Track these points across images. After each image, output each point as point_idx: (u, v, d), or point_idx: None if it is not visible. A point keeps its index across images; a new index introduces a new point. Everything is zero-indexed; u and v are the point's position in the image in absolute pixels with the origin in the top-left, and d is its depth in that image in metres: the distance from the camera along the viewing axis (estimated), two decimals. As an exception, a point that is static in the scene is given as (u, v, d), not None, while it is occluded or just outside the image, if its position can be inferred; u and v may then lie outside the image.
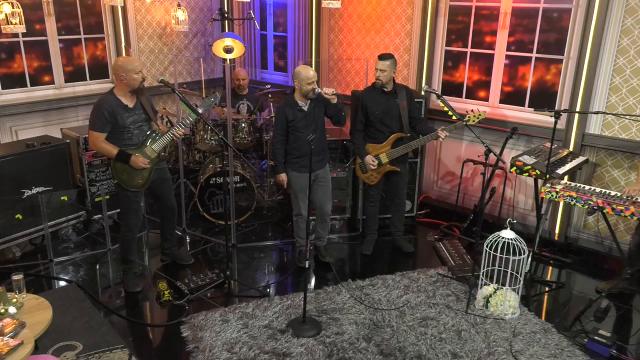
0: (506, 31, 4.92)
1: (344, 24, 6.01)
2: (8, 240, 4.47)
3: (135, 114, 3.92)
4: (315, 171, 4.24)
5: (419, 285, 4.22)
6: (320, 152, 4.29)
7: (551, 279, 4.49)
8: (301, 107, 4.16)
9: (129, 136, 3.91)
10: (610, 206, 3.51)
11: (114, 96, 3.86)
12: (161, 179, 4.21)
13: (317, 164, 4.25)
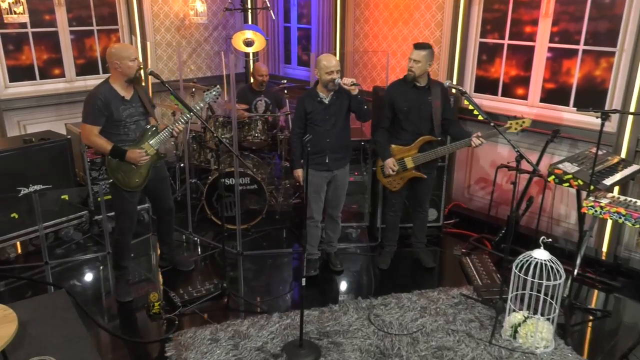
0: (549, 20, 4.33)
1: (370, 15, 5.54)
2: (3, 240, 4.26)
3: (132, 107, 3.60)
4: (332, 170, 3.91)
5: (438, 307, 3.72)
6: (340, 150, 3.90)
7: (595, 306, 3.89)
8: (321, 99, 3.81)
9: (125, 131, 3.59)
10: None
11: (109, 86, 3.54)
12: (158, 179, 3.89)
13: (335, 163, 3.90)
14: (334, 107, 3.81)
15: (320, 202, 4.00)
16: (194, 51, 6.38)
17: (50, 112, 5.34)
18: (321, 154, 3.84)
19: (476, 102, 3.66)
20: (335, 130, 3.82)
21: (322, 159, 3.85)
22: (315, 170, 3.88)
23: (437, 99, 3.85)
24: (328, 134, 3.81)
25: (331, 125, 3.80)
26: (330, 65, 3.68)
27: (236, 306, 3.78)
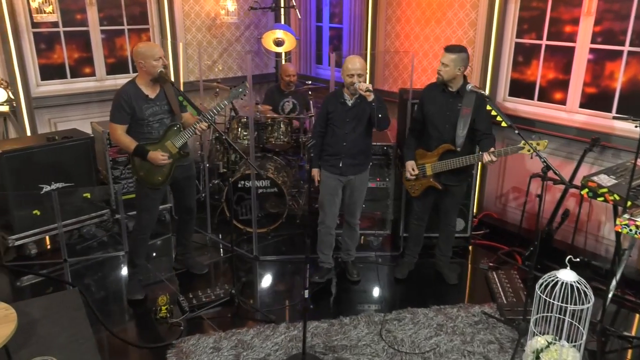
0: (591, 19, 4.00)
1: (402, 14, 5.32)
2: (24, 236, 4.32)
3: (155, 106, 3.56)
4: (346, 175, 3.75)
5: (455, 325, 3.49)
6: (357, 155, 3.73)
7: (636, 333, 3.54)
8: (344, 101, 3.67)
9: (148, 130, 3.57)
10: None
11: (134, 85, 3.53)
12: (185, 177, 3.85)
13: (350, 168, 3.73)
14: (355, 110, 3.65)
15: (333, 206, 3.83)
16: (224, 51, 6.34)
17: (80, 111, 5.41)
18: (336, 156, 3.71)
19: (499, 108, 3.39)
20: (354, 135, 3.67)
21: (336, 161, 3.72)
22: (328, 172, 3.75)
23: (468, 106, 3.55)
24: (346, 137, 3.67)
25: (350, 129, 3.66)
26: (351, 67, 3.53)
27: (244, 314, 3.67)
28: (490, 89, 4.65)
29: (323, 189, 3.83)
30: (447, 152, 3.69)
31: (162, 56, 3.47)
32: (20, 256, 4.42)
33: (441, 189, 3.78)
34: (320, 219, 3.91)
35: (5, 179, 4.17)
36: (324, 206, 3.86)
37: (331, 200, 3.81)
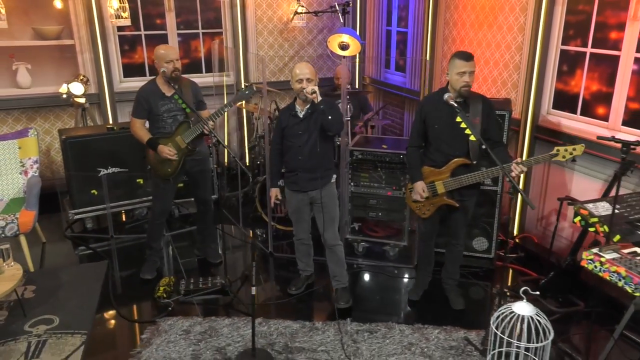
0: (638, 24, 3.47)
1: (459, 17, 5.07)
2: (82, 212, 4.97)
3: (170, 103, 3.92)
4: (306, 191, 3.62)
5: (427, 347, 3.30)
6: (314, 169, 3.55)
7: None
8: (296, 112, 3.56)
9: (162, 124, 3.93)
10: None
11: (153, 84, 3.94)
12: (198, 170, 4.15)
13: (310, 183, 3.58)
14: (307, 122, 3.51)
15: (302, 222, 3.77)
16: (296, 54, 6.56)
17: (157, 105, 6.02)
18: (294, 172, 3.61)
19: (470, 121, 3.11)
20: (308, 148, 3.50)
21: (295, 177, 3.61)
22: (290, 190, 3.69)
23: (476, 115, 3.29)
24: (300, 151, 3.53)
25: (303, 142, 3.51)
26: (299, 73, 3.42)
27: (230, 305, 3.84)
28: (534, 100, 4.24)
29: (289, 206, 3.79)
30: (460, 166, 3.38)
31: (173, 60, 3.78)
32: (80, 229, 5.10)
33: (457, 206, 3.48)
34: (294, 232, 3.87)
35: (69, 161, 4.85)
36: (293, 222, 3.82)
37: (298, 217, 3.75)
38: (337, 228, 3.75)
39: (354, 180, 4.41)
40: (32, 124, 5.63)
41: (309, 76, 3.42)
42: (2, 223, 4.03)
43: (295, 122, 3.55)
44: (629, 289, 2.35)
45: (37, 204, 4.29)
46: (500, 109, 3.90)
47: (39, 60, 5.63)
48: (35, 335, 3.44)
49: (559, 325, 3.47)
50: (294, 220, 3.79)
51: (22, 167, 4.56)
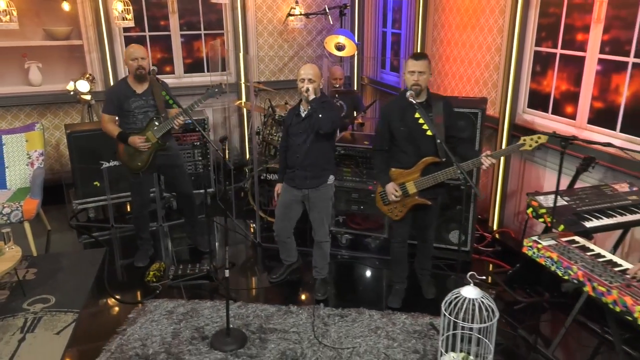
0: (601, 26, 3.61)
1: (446, 20, 5.24)
2: (85, 202, 5.28)
3: (141, 100, 4.14)
4: (301, 189, 3.78)
5: (392, 330, 3.50)
6: (310, 169, 3.71)
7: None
8: (299, 112, 3.74)
9: (133, 120, 4.17)
10: (592, 284, 2.33)
11: (124, 81, 4.20)
12: (169, 165, 4.37)
13: (304, 182, 3.74)
14: (307, 121, 3.66)
15: (285, 220, 3.91)
16: (295, 54, 6.79)
17: (161, 103, 6.31)
18: (292, 169, 3.79)
19: (427, 117, 3.28)
20: (306, 147, 3.67)
21: (292, 174, 3.79)
22: (286, 185, 3.86)
23: (438, 115, 3.44)
24: (298, 149, 3.71)
25: (302, 141, 3.68)
26: (302, 73, 3.60)
27: (215, 289, 4.08)
28: (511, 99, 4.40)
29: (280, 200, 3.92)
30: (429, 165, 3.49)
31: (138, 57, 4.01)
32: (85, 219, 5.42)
33: (430, 203, 3.60)
34: (274, 230, 4.02)
35: (73, 154, 5.17)
36: (276, 217, 3.96)
37: (284, 214, 3.88)
38: (328, 226, 3.92)
39: (337, 175, 4.61)
40: (42, 120, 5.97)
41: (311, 77, 3.57)
42: (8, 210, 4.35)
43: (298, 121, 3.73)
44: (559, 273, 2.52)
45: (41, 193, 4.60)
46: (474, 107, 4.07)
47: (50, 59, 5.97)
48: (32, 312, 3.74)
49: (523, 315, 3.66)
50: (279, 216, 3.90)
51: (29, 159, 4.88)
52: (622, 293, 2.20)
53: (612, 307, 2.24)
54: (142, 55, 4.04)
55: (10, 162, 4.84)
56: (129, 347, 3.35)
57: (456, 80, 5.18)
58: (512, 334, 3.49)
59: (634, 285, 2.26)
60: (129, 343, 3.39)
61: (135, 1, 5.97)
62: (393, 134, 3.57)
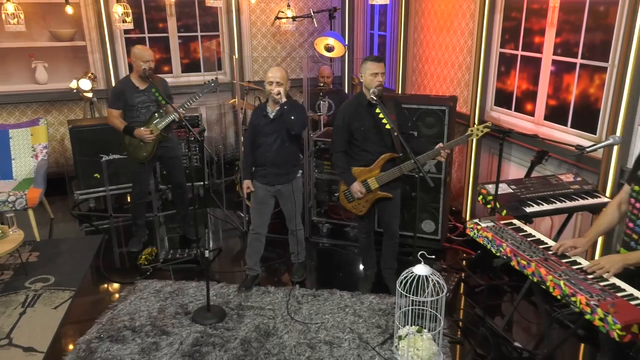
0: (554, 30, 3.91)
1: (425, 22, 5.55)
2: (86, 193, 5.66)
3: (144, 95, 4.49)
4: (273, 185, 4.00)
5: (359, 308, 3.82)
6: (282, 165, 3.93)
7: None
8: (267, 113, 3.92)
9: (136, 114, 4.52)
10: (517, 258, 2.63)
11: (128, 79, 4.55)
12: (169, 156, 4.73)
13: (277, 178, 3.97)
14: (277, 122, 3.85)
15: (263, 215, 4.07)
16: (288, 55, 7.13)
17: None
18: (263, 167, 3.97)
19: (386, 112, 3.56)
20: (276, 146, 3.87)
21: (263, 172, 3.98)
22: (258, 183, 4.03)
23: (391, 112, 3.70)
24: (269, 148, 3.89)
25: (272, 140, 3.86)
26: (271, 76, 3.78)
27: (202, 272, 4.41)
28: (480, 98, 4.70)
29: (253, 198, 4.08)
30: (388, 161, 3.75)
31: (149, 60, 4.38)
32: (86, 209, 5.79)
33: (392, 196, 3.85)
34: (251, 226, 4.15)
35: (75, 148, 5.54)
36: (253, 215, 4.10)
37: (260, 210, 4.05)
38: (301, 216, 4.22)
39: (317, 168, 4.95)
40: (47, 116, 6.36)
41: (279, 80, 3.77)
42: (13, 198, 4.73)
43: (266, 122, 3.90)
44: (493, 250, 2.83)
45: (44, 183, 4.97)
46: (442, 105, 4.37)
47: (55, 59, 6.36)
48: (33, 290, 4.11)
49: (484, 297, 3.95)
50: (255, 213, 4.07)
51: (33, 151, 5.26)
52: (539, 265, 2.50)
53: (532, 277, 2.54)
54: (149, 57, 4.40)
55: (16, 154, 5.23)
56: (118, 320, 3.70)
57: (434, 80, 5.49)
58: (470, 312, 3.79)
59: (552, 260, 2.57)
60: (119, 317, 3.74)
61: (136, 5, 6.35)
62: (352, 134, 3.79)
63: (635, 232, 2.55)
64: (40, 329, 3.63)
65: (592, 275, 2.43)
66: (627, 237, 2.61)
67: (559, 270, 2.46)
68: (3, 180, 5.14)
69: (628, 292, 2.31)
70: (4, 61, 6.20)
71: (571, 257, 2.63)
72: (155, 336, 3.51)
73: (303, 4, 7.00)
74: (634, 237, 2.56)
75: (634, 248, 2.54)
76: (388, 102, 3.75)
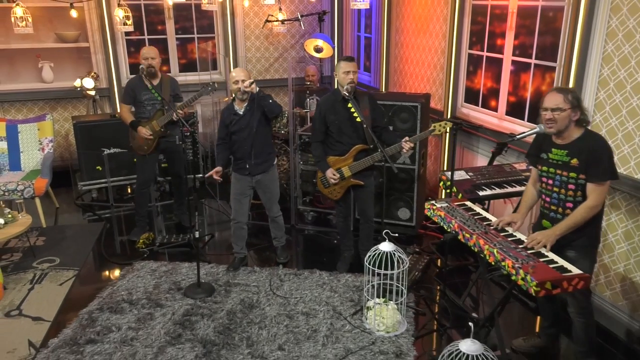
0: (512, 33, 4.30)
1: (404, 25, 5.95)
2: (89, 184, 6.08)
3: (150, 93, 4.89)
4: (254, 175, 4.33)
5: (336, 285, 4.22)
6: (260, 154, 4.28)
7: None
8: (236, 111, 4.22)
9: (142, 110, 4.94)
10: (462, 232, 3.03)
11: (139, 77, 4.94)
12: (171, 150, 5.11)
13: (257, 167, 4.29)
14: (247, 117, 4.17)
15: (242, 205, 4.39)
16: (280, 56, 7.54)
17: (157, 99, 7.09)
18: (242, 160, 4.28)
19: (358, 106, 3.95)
20: (251, 138, 4.18)
21: (243, 164, 4.28)
22: (239, 175, 4.35)
23: (365, 108, 4.07)
24: (245, 142, 4.21)
25: (247, 134, 4.19)
26: (235, 75, 4.11)
27: (195, 255, 4.81)
28: (452, 95, 5.10)
29: (233, 189, 4.39)
30: (360, 152, 4.11)
31: (148, 57, 4.77)
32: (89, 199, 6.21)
33: (363, 184, 4.21)
34: (232, 215, 4.47)
35: (79, 142, 5.96)
36: (234, 205, 4.41)
37: (240, 200, 4.38)
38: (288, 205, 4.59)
39: (302, 160, 5.35)
40: (53, 113, 6.78)
41: (244, 77, 4.11)
42: (22, 187, 5.14)
43: (237, 119, 4.22)
44: (445, 227, 3.22)
45: (50, 173, 5.39)
46: (415, 101, 4.76)
47: (60, 59, 6.78)
48: (40, 269, 4.52)
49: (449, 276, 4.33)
50: (235, 203, 4.41)
51: (40, 144, 5.68)
52: (479, 237, 2.89)
53: (473, 248, 2.94)
54: (152, 56, 4.79)
55: (24, 148, 5.65)
56: (117, 294, 4.11)
57: (413, 79, 5.88)
58: (434, 289, 4.18)
59: (491, 233, 2.96)
60: (118, 292, 4.15)
61: (136, 8, 6.76)
62: (328, 127, 4.15)
63: (552, 204, 3.01)
64: (47, 302, 4.04)
65: (531, 250, 2.82)
66: (546, 210, 3.06)
67: (495, 241, 2.86)
68: (12, 171, 5.57)
69: (549, 258, 2.71)
70: (13, 61, 6.63)
71: (509, 231, 3.02)
72: (150, 308, 3.92)
73: (294, 7, 7.40)
74: (552, 208, 3.01)
75: (554, 217, 2.99)
76: (362, 98, 4.13)
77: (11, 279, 4.37)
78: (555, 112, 2.84)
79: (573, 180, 2.89)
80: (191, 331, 3.64)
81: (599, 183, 2.81)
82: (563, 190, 2.94)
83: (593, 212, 2.84)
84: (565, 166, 2.91)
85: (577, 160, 2.85)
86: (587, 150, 2.82)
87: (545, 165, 3.01)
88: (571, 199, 2.92)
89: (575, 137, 2.89)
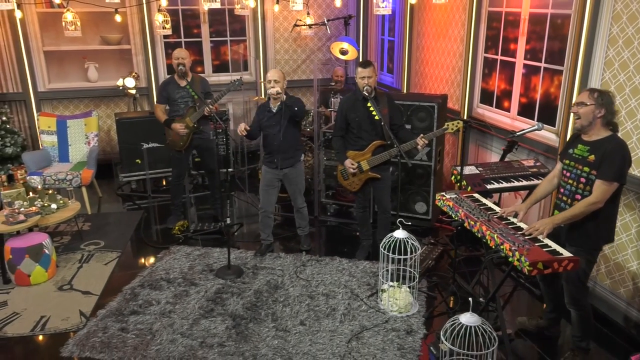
0: (524, 38, 4.58)
1: (425, 30, 6.26)
2: (129, 176, 6.57)
3: (183, 92, 5.30)
4: (281, 169, 4.66)
5: (355, 270, 4.57)
6: (288, 150, 4.61)
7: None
8: (270, 109, 4.59)
9: (176, 108, 5.35)
10: (468, 220, 3.34)
11: (171, 77, 5.38)
12: (204, 147, 5.53)
13: (284, 162, 4.62)
14: (279, 115, 4.51)
15: (270, 195, 4.78)
16: (307, 58, 7.92)
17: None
18: (272, 154, 4.65)
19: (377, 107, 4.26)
20: (281, 135, 4.51)
21: (272, 158, 4.65)
22: (267, 167, 4.73)
23: (384, 107, 4.39)
24: (275, 137, 4.56)
25: (277, 131, 4.53)
26: (269, 76, 4.45)
27: (226, 242, 5.22)
28: (468, 96, 5.39)
29: (262, 181, 4.78)
30: (379, 147, 4.43)
31: (179, 58, 5.16)
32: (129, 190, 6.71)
33: (380, 177, 4.54)
34: (260, 205, 4.89)
35: (120, 137, 6.45)
36: (262, 195, 4.80)
37: (268, 191, 4.76)
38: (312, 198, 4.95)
39: (326, 155, 5.72)
40: (97, 109, 7.29)
41: (276, 78, 4.44)
42: (70, 177, 5.65)
43: (270, 116, 4.59)
44: (453, 215, 3.54)
45: (95, 165, 5.88)
46: (432, 102, 5.07)
47: (105, 60, 7.30)
48: (87, 250, 5.00)
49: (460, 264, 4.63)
50: (263, 194, 4.80)
51: (86, 138, 6.19)
52: (482, 224, 3.20)
53: (477, 234, 3.25)
54: (182, 57, 5.19)
55: (72, 141, 6.17)
56: (156, 274, 4.55)
57: (432, 81, 6.19)
58: (446, 276, 4.49)
59: (494, 220, 3.27)
60: (157, 272, 4.59)
61: (174, 13, 7.23)
62: (349, 123, 4.49)
63: (564, 195, 3.26)
64: (94, 279, 4.50)
65: (529, 237, 3.12)
66: (559, 200, 3.33)
67: (496, 228, 3.17)
68: (62, 163, 6.10)
69: (544, 242, 3.01)
70: (62, 62, 7.18)
71: (510, 220, 3.32)
72: (186, 286, 4.35)
73: (322, 11, 7.78)
74: (563, 199, 3.27)
75: (563, 208, 3.24)
76: (382, 98, 4.47)
77: (62, 258, 4.85)
78: (579, 107, 3.10)
79: (585, 174, 3.11)
80: (222, 307, 4.05)
81: (606, 181, 3.00)
82: (575, 182, 3.17)
83: (592, 208, 3.05)
84: (583, 161, 3.12)
85: (594, 156, 3.06)
86: (605, 149, 3.02)
87: (568, 159, 3.25)
88: (580, 192, 3.15)
89: (601, 137, 3.09)
